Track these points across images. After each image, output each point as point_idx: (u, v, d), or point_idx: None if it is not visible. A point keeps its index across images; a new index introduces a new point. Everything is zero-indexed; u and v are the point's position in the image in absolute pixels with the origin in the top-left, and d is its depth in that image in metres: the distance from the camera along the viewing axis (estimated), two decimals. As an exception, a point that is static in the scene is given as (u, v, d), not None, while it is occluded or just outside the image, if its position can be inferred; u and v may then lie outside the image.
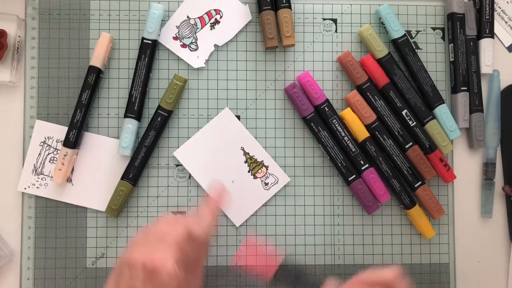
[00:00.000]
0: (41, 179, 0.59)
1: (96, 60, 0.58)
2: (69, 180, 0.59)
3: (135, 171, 0.58)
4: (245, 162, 0.60)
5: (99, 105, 0.60)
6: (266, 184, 0.60)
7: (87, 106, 0.58)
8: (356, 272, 0.60)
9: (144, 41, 0.58)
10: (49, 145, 0.59)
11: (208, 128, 0.60)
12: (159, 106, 0.58)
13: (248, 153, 0.60)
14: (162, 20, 0.59)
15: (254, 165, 0.60)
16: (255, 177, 0.60)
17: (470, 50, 0.62)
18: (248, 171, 0.60)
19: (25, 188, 0.59)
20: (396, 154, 0.59)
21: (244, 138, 0.60)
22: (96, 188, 0.59)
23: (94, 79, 0.58)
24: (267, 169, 0.60)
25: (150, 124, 0.58)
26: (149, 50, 0.58)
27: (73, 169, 0.59)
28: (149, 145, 0.58)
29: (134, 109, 0.58)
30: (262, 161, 0.60)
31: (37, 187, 0.59)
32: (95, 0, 0.60)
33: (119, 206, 0.58)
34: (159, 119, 0.58)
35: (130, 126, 0.58)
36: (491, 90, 0.63)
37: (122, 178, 0.58)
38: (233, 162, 0.60)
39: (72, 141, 0.57)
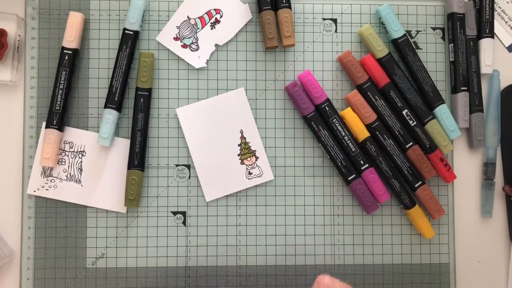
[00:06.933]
0: (50, 181, 0.59)
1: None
2: (78, 181, 0.59)
3: (138, 157, 0.58)
4: (239, 145, 0.60)
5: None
6: (250, 173, 0.60)
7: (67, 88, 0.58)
8: (356, 272, 0.61)
9: (126, 31, 0.58)
10: None
11: (217, 99, 0.60)
12: (136, 88, 0.59)
13: (245, 138, 0.60)
14: (144, 10, 0.59)
15: (245, 151, 0.60)
16: (242, 163, 0.60)
17: (470, 50, 0.62)
18: (238, 155, 0.60)
19: (34, 191, 0.58)
20: (396, 154, 0.59)
21: (247, 123, 0.60)
22: (106, 187, 0.59)
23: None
24: (256, 160, 0.60)
25: (135, 108, 0.58)
26: (130, 40, 0.58)
27: (81, 170, 0.59)
28: (143, 128, 0.58)
29: (114, 100, 0.58)
30: (255, 151, 0.60)
31: (46, 189, 0.59)
32: (95, 0, 0.60)
33: (136, 195, 0.58)
34: (141, 100, 0.58)
35: (110, 116, 0.58)
36: (491, 90, 0.63)
37: (129, 168, 0.58)
38: (227, 140, 0.60)
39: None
